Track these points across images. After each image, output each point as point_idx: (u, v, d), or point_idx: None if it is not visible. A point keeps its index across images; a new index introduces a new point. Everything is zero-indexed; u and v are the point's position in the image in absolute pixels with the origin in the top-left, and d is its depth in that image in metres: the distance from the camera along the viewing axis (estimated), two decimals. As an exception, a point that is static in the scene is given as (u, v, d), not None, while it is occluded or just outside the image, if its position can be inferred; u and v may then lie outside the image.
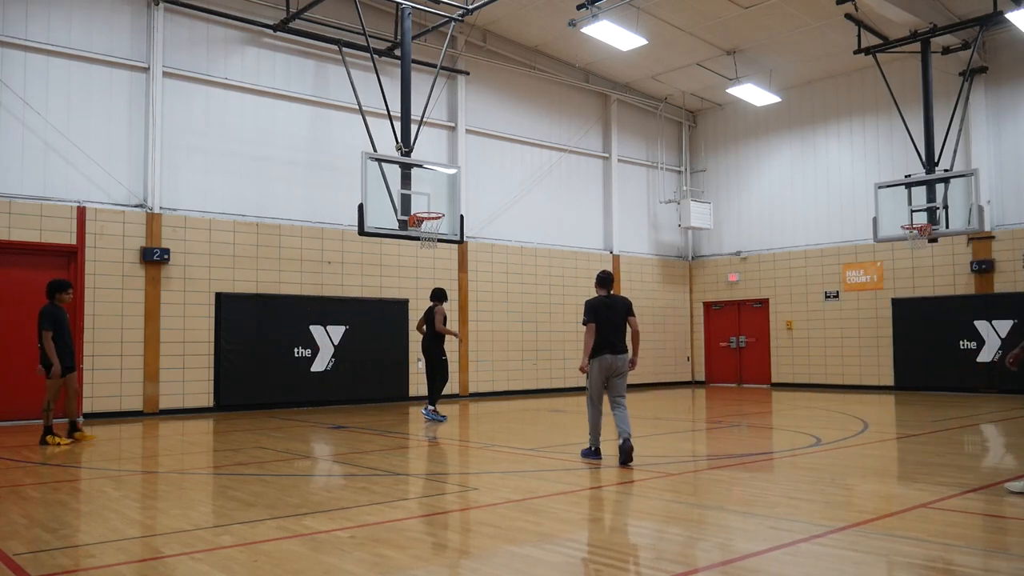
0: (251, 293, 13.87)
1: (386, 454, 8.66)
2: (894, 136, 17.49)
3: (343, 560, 4.35)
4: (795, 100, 19.53)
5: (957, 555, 4.42)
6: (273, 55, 14.60)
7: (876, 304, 17.90)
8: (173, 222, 13.21)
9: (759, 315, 20.10)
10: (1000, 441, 9.75)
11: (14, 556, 4.44)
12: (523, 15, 16.38)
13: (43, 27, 12.34)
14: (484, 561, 4.42)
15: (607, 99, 19.74)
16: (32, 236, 11.98)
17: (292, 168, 14.65)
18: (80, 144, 12.51)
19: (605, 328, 7.78)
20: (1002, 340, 15.97)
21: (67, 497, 6.29)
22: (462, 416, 13.12)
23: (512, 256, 17.57)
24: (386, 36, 15.18)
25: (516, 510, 5.58)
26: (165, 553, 4.55)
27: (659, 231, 20.98)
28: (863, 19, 15.45)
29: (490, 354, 17.06)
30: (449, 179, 13.19)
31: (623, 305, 7.95)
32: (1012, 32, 15.65)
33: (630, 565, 4.27)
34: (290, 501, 6.02)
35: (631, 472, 7.27)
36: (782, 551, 4.46)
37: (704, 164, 21.43)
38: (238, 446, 9.33)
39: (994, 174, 16.50)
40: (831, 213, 18.83)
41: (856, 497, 6.09)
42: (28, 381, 11.97)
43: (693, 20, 16.17)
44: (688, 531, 5.16)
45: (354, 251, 15.12)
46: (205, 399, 13.33)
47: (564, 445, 9.03)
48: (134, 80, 13.10)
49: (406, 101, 13.04)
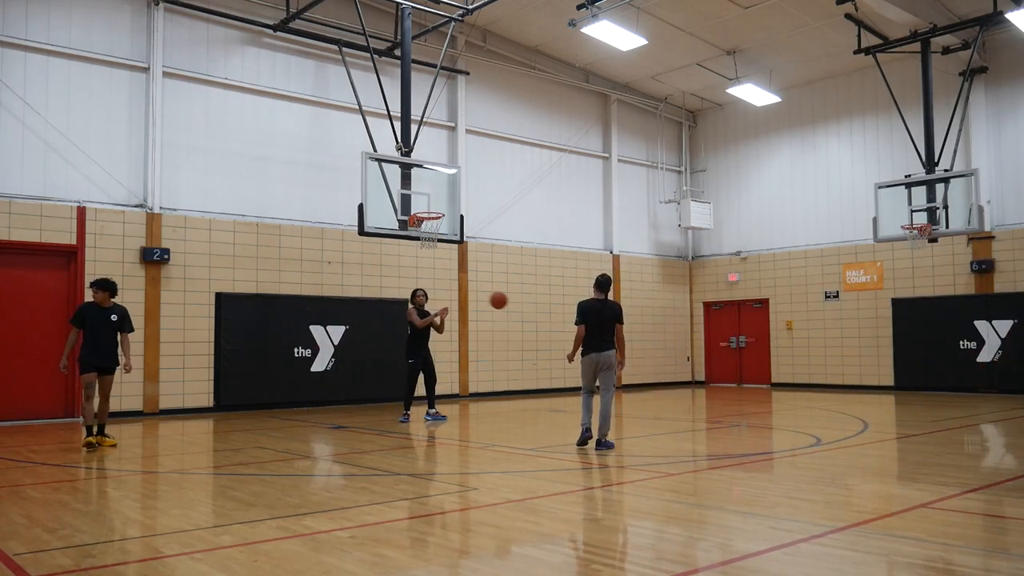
0: (251, 293, 13.87)
1: (386, 454, 8.66)
2: (894, 136, 17.49)
3: (343, 560, 4.35)
4: (795, 100, 19.53)
5: (957, 555, 4.41)
6: (273, 55, 14.60)
7: (876, 304, 17.90)
8: (173, 222, 13.20)
9: (759, 315, 20.10)
10: (1000, 441, 9.75)
11: (14, 556, 4.44)
12: (523, 15, 16.38)
13: (43, 27, 12.34)
14: (484, 561, 4.42)
15: (607, 99, 19.74)
16: (32, 236, 11.98)
17: (292, 168, 14.65)
18: (80, 144, 12.51)
19: (593, 330, 8.68)
20: (1002, 340, 15.97)
21: (67, 497, 6.29)
22: (462, 416, 13.12)
23: (512, 256, 17.57)
24: (386, 36, 15.18)
25: (516, 510, 5.58)
26: (165, 553, 4.55)
27: (659, 231, 20.98)
28: (863, 19, 15.45)
29: (490, 354, 17.06)
30: (449, 179, 13.19)
31: (612, 312, 8.76)
32: (1012, 32, 15.65)
33: (630, 565, 4.27)
34: (290, 501, 6.02)
35: (631, 472, 7.27)
36: (782, 551, 4.46)
37: (704, 164, 21.43)
38: (238, 446, 9.33)
39: (994, 174, 16.50)
40: (831, 213, 18.83)
41: (856, 497, 6.09)
42: (28, 381, 11.99)
43: (693, 20, 16.17)
44: (688, 531, 5.16)
45: (354, 251, 15.12)
46: (205, 399, 13.33)
47: (564, 445, 9.02)
48: (134, 80, 13.10)
49: (406, 101, 13.04)
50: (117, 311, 9.24)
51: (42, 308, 12.13)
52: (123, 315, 9.29)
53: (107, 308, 9.20)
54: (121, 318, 9.26)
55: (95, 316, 9.13)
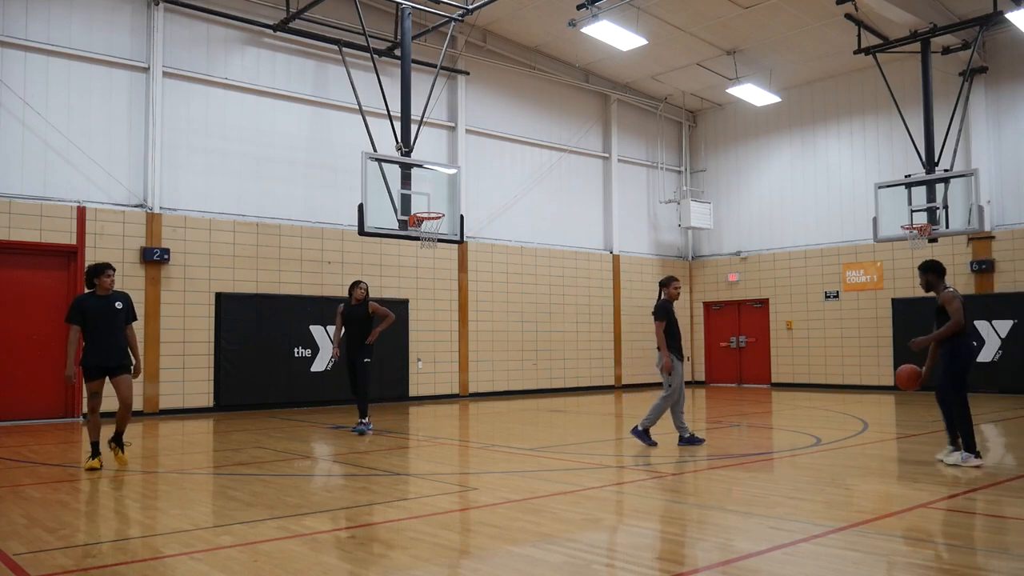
0: (251, 293, 13.87)
1: (386, 454, 8.66)
2: (894, 136, 17.48)
3: (343, 560, 4.35)
4: (795, 100, 19.53)
5: (957, 555, 4.41)
6: (273, 55, 14.60)
7: (876, 304, 17.90)
8: (173, 222, 13.20)
9: (759, 315, 20.10)
10: (1000, 441, 9.74)
11: (14, 556, 4.44)
12: (523, 15, 16.38)
13: (43, 27, 12.34)
14: (484, 561, 4.41)
15: (607, 99, 19.74)
16: (32, 236, 11.98)
17: (292, 168, 14.65)
18: (80, 144, 12.50)
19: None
20: (1002, 340, 15.97)
21: (67, 497, 6.29)
22: (462, 416, 13.12)
23: (512, 256, 17.57)
24: (386, 36, 15.17)
25: (516, 510, 5.58)
26: (165, 553, 4.55)
27: (659, 231, 20.97)
28: (863, 19, 15.45)
29: (490, 354, 17.06)
30: (449, 179, 13.19)
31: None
32: (1012, 32, 15.65)
33: (630, 565, 4.27)
34: (290, 501, 6.02)
35: (631, 472, 7.27)
36: (782, 551, 4.46)
37: (704, 164, 21.43)
38: (238, 446, 9.33)
39: (994, 174, 16.50)
40: (831, 213, 18.83)
41: (856, 497, 6.09)
42: (28, 381, 11.99)
43: (693, 20, 16.17)
44: (688, 531, 5.16)
45: (354, 251, 15.12)
46: (205, 399, 13.32)
47: (564, 445, 9.02)
48: (134, 80, 13.10)
49: (406, 101, 13.04)
50: (121, 298, 7.80)
51: (42, 308, 12.13)
52: (128, 302, 7.87)
53: (109, 296, 7.76)
54: (126, 306, 7.81)
55: (97, 307, 7.63)
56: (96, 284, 7.71)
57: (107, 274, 7.70)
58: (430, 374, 16.07)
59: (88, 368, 7.58)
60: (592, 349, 18.93)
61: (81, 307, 7.61)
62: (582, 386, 18.60)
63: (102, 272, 7.70)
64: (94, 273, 7.72)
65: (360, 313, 10.51)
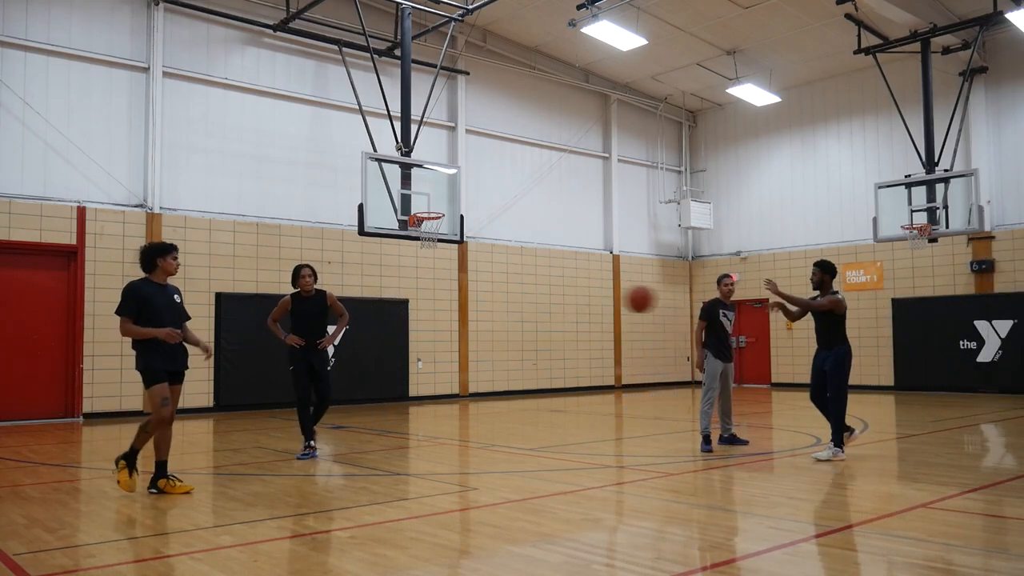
0: (251, 293, 13.87)
1: (386, 454, 8.66)
2: (894, 136, 17.48)
3: (343, 560, 4.35)
4: (795, 100, 19.53)
5: (957, 555, 4.41)
6: (273, 55, 14.60)
7: (876, 304, 17.89)
8: (173, 222, 13.20)
9: (759, 315, 20.09)
10: (1000, 441, 9.74)
11: (14, 556, 4.44)
12: (523, 15, 16.38)
13: (43, 27, 12.34)
14: (484, 561, 4.41)
15: (607, 99, 19.74)
16: (32, 236, 11.98)
17: (292, 168, 14.65)
18: (80, 144, 12.50)
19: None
20: (1002, 340, 15.97)
21: (67, 497, 6.29)
22: (462, 416, 13.12)
23: (512, 256, 17.57)
24: (386, 36, 15.17)
25: (516, 510, 5.58)
26: (165, 553, 4.55)
27: (659, 231, 20.97)
28: (863, 19, 15.45)
29: (490, 354, 17.06)
30: (449, 179, 13.19)
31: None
32: (1012, 32, 15.64)
33: (630, 565, 4.27)
34: (290, 501, 6.02)
35: (631, 472, 7.27)
36: (782, 551, 4.46)
37: (704, 164, 21.43)
38: (238, 446, 9.33)
39: (994, 174, 16.50)
40: (831, 213, 18.83)
41: (856, 497, 6.09)
42: (28, 381, 11.99)
43: (693, 20, 16.17)
44: (688, 531, 5.16)
45: (354, 251, 15.12)
46: (205, 399, 13.32)
47: (564, 445, 9.02)
48: (134, 80, 13.10)
49: (406, 101, 13.04)
50: (176, 290, 6.53)
51: (42, 308, 12.13)
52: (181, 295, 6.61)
53: (166, 285, 6.40)
54: (181, 299, 6.58)
55: (159, 297, 6.25)
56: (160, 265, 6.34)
57: (168, 257, 6.37)
58: (430, 374, 16.07)
59: (151, 370, 6.23)
60: (592, 349, 18.93)
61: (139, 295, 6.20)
62: (582, 386, 18.59)
63: (167, 253, 6.39)
64: (159, 252, 6.36)
65: (315, 308, 8.31)
